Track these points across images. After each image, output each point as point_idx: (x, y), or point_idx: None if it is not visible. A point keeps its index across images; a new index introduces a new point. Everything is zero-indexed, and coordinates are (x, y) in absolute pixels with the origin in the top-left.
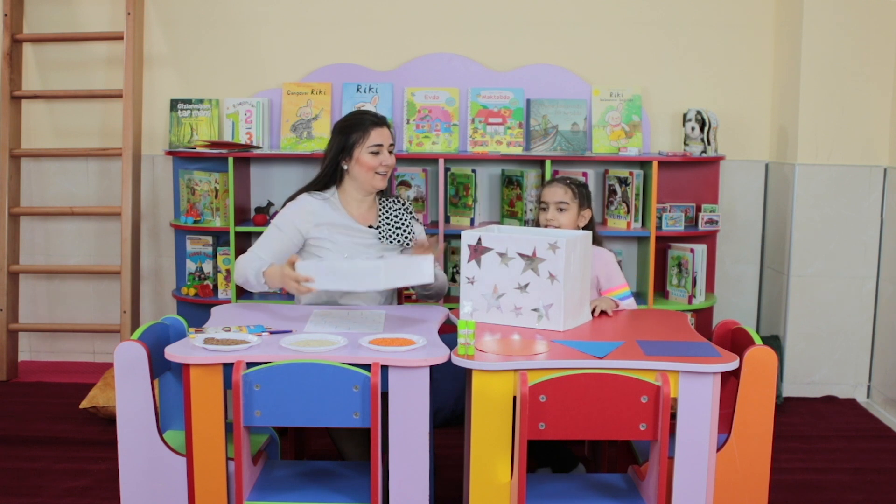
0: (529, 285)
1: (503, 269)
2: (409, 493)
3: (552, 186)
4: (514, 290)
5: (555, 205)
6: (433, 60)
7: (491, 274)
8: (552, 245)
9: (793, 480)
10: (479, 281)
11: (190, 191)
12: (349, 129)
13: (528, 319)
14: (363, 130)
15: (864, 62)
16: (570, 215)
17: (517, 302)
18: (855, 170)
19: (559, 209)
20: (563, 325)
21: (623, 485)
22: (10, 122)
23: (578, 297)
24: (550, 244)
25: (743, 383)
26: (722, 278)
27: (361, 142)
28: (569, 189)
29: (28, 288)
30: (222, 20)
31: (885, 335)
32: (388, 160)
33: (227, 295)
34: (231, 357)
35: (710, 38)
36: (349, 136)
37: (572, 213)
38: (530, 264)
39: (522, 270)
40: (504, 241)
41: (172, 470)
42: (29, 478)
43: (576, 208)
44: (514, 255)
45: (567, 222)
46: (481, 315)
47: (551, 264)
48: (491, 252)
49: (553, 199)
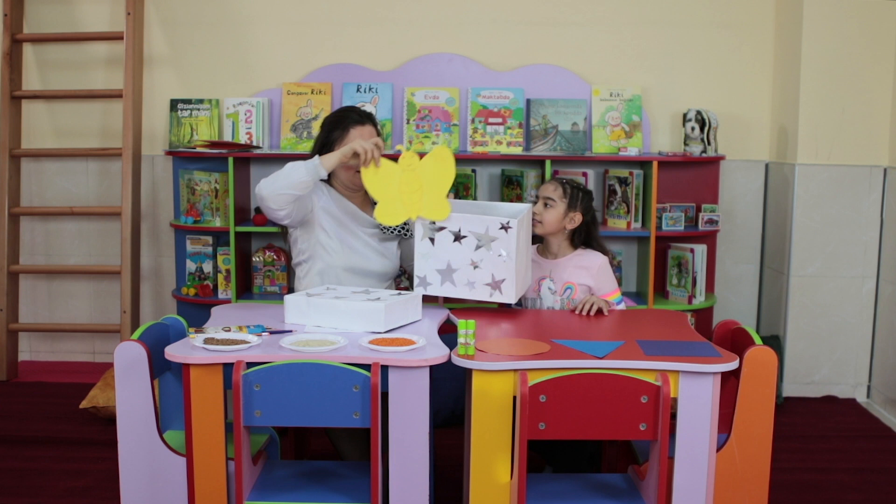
0: (483, 261)
1: (456, 246)
2: (409, 493)
3: (547, 182)
4: (467, 266)
5: (542, 199)
6: (433, 60)
7: (444, 251)
8: (504, 225)
9: (793, 480)
10: (432, 257)
11: (190, 191)
12: (331, 126)
13: (481, 293)
14: (343, 129)
15: (864, 62)
16: (555, 213)
17: (470, 277)
18: (855, 170)
19: (545, 204)
20: (514, 298)
21: (623, 485)
22: (10, 122)
23: (524, 268)
24: (503, 224)
25: (743, 383)
26: (722, 278)
27: (341, 140)
28: (559, 187)
29: (28, 288)
30: (222, 20)
31: (885, 335)
32: None
33: (227, 295)
34: (231, 357)
35: (711, 38)
36: (330, 134)
37: (558, 210)
38: (483, 242)
39: (475, 248)
40: (458, 220)
41: (172, 470)
42: (29, 478)
43: (563, 207)
44: (467, 234)
45: (551, 219)
46: (435, 289)
47: (503, 242)
48: (445, 231)
49: (542, 194)
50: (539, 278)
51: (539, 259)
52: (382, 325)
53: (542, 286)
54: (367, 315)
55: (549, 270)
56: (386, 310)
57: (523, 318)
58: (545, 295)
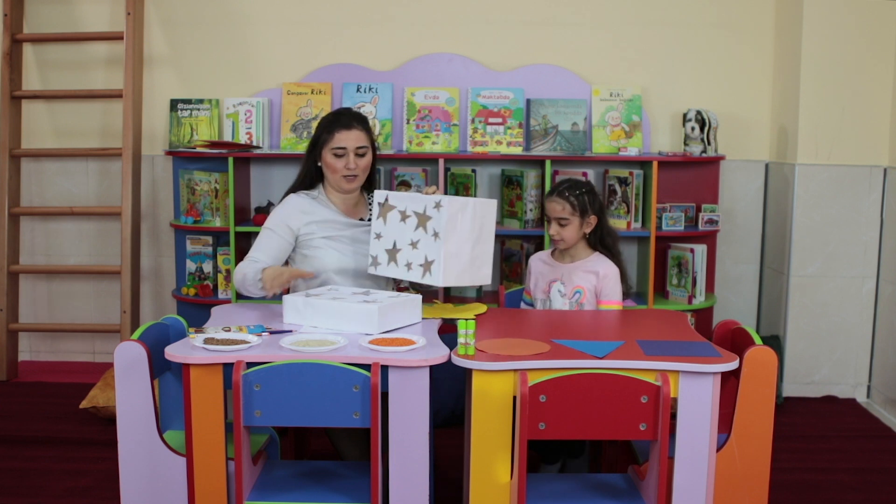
0: (420, 242)
1: (402, 226)
2: (409, 493)
3: (552, 201)
4: (407, 247)
5: (556, 220)
6: (433, 60)
7: (392, 230)
8: (437, 204)
9: (793, 480)
10: (384, 236)
11: (190, 191)
12: (320, 128)
13: (415, 274)
14: (329, 132)
15: (864, 62)
16: (572, 228)
17: (409, 258)
18: (855, 170)
19: (560, 224)
20: (442, 281)
21: (623, 485)
22: (10, 122)
23: (468, 256)
24: (436, 203)
25: (743, 383)
26: (722, 278)
27: (327, 143)
28: (567, 203)
29: (28, 288)
30: (222, 20)
31: (885, 335)
32: (352, 163)
33: (227, 295)
34: (231, 357)
35: (710, 38)
36: (319, 136)
37: (574, 225)
38: (421, 222)
39: (415, 228)
40: (404, 199)
41: (172, 470)
42: (29, 478)
43: (577, 219)
44: (411, 214)
45: (570, 235)
46: (382, 269)
47: (436, 222)
48: (394, 210)
49: (554, 215)
50: (550, 280)
51: (553, 262)
52: (376, 328)
53: (553, 288)
54: (361, 316)
55: (561, 274)
56: (379, 312)
57: (523, 318)
58: (555, 297)
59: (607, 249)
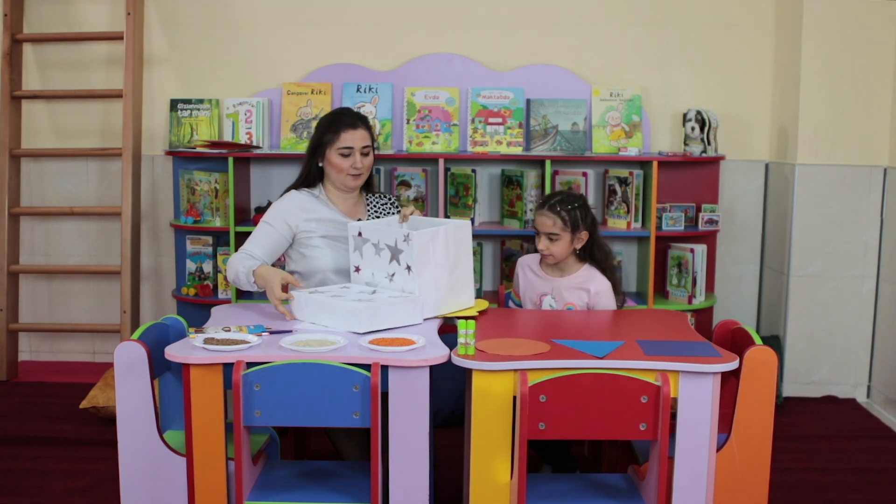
0: (395, 275)
1: (377, 259)
2: (409, 493)
3: (543, 215)
4: (384, 280)
5: (545, 235)
6: (433, 60)
7: (369, 263)
8: (406, 237)
9: (793, 480)
10: (362, 270)
11: (190, 191)
12: (323, 128)
13: None
14: (334, 132)
15: (864, 62)
16: (562, 244)
17: (388, 291)
18: (855, 170)
19: (550, 239)
20: (421, 316)
21: (623, 485)
22: (10, 122)
23: (446, 283)
24: (404, 236)
25: (743, 383)
26: (722, 278)
27: (332, 143)
28: (558, 218)
29: (28, 288)
30: (222, 20)
31: (885, 335)
32: (358, 163)
33: (227, 295)
34: (231, 357)
35: (711, 38)
36: (322, 136)
37: (564, 241)
38: (394, 255)
39: (389, 261)
40: (377, 232)
41: (172, 470)
42: (29, 478)
43: (568, 235)
44: (384, 247)
45: (560, 251)
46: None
47: (407, 255)
48: (368, 243)
49: (543, 230)
50: (541, 294)
51: (542, 274)
52: (364, 326)
53: (544, 302)
54: (349, 315)
55: (552, 288)
56: (366, 310)
57: (523, 318)
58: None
59: (598, 263)
